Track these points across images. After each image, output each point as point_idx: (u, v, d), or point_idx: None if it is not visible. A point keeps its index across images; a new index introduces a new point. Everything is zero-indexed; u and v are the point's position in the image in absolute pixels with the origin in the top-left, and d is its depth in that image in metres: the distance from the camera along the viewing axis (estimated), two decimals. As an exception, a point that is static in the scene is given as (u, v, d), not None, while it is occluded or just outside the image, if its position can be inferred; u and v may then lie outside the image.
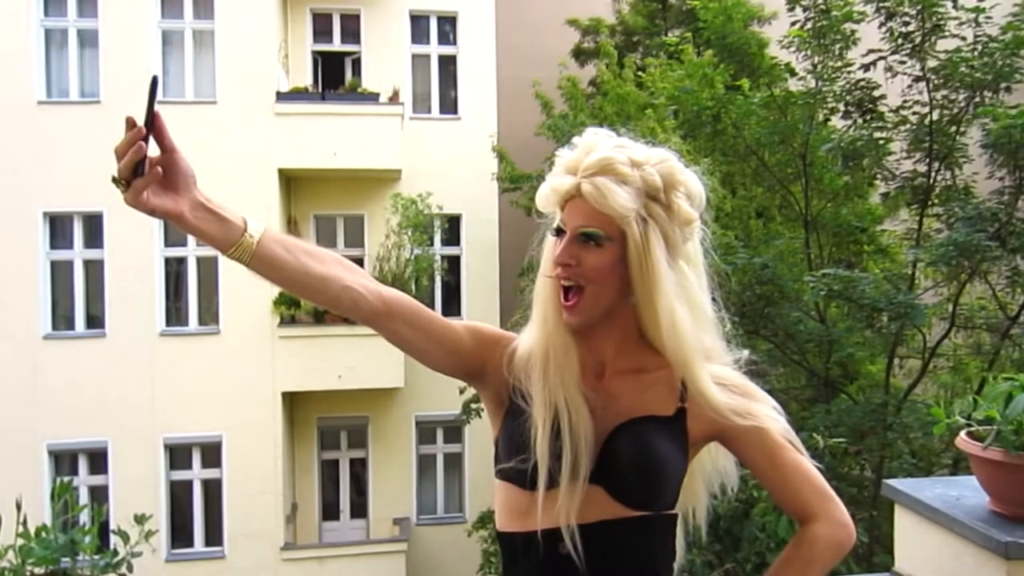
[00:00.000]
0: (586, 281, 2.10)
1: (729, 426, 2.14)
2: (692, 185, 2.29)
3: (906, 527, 3.58)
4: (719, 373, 2.19)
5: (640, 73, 18.96)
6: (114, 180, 1.94)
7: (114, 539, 4.73)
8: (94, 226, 17.64)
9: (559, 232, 2.12)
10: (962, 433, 3.15)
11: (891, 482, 3.69)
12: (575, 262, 2.09)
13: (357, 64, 19.95)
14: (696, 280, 2.28)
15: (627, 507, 2.07)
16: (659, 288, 2.11)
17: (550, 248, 2.15)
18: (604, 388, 2.15)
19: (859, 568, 9.96)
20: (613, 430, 2.08)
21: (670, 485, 2.12)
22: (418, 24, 20.29)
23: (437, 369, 2.25)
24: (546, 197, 2.15)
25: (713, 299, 2.32)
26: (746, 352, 2.29)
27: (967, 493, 3.37)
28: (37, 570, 4.42)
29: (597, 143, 2.16)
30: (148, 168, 1.96)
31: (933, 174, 12.74)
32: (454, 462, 20.03)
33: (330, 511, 19.84)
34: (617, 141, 2.20)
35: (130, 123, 1.93)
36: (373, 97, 18.51)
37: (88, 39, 17.82)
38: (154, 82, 2.00)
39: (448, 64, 20.42)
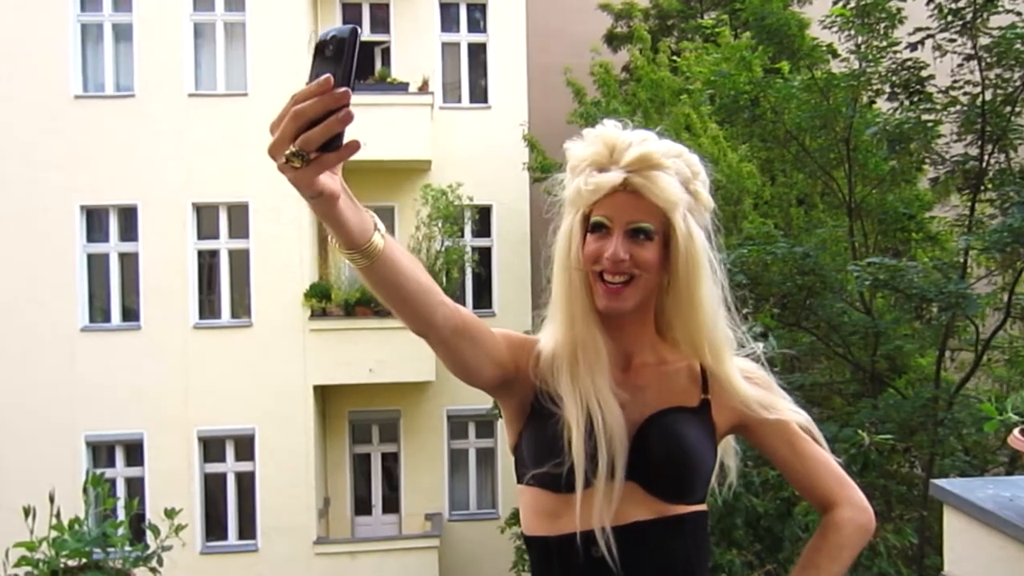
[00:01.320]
0: (638, 272, 2.08)
1: (753, 418, 2.20)
2: (705, 173, 2.22)
3: (956, 529, 3.51)
4: (743, 366, 2.24)
5: (675, 58, 18.87)
6: (293, 154, 1.69)
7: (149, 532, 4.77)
8: (129, 219, 17.78)
9: (599, 227, 2.09)
10: (1016, 430, 3.06)
11: (940, 482, 3.63)
12: (628, 257, 2.06)
13: (386, 53, 19.90)
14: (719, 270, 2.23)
15: (662, 501, 2.08)
16: (702, 279, 2.12)
17: (576, 241, 2.12)
18: (630, 381, 2.16)
19: (909, 571, 9.87)
20: (643, 423, 2.09)
21: (703, 476, 2.14)
22: (448, 12, 20.25)
23: (479, 383, 2.17)
24: (590, 192, 2.08)
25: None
26: (760, 345, 2.31)
27: (1021, 493, 3.29)
28: (70, 562, 4.43)
29: (620, 136, 2.12)
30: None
31: (986, 157, 12.55)
32: (486, 457, 20.01)
33: (362, 506, 19.86)
34: (641, 134, 2.15)
35: (325, 85, 1.67)
36: (403, 87, 18.49)
37: (123, 33, 17.94)
38: (354, 33, 1.74)
39: (478, 52, 20.36)
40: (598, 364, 2.08)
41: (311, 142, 1.67)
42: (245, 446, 17.90)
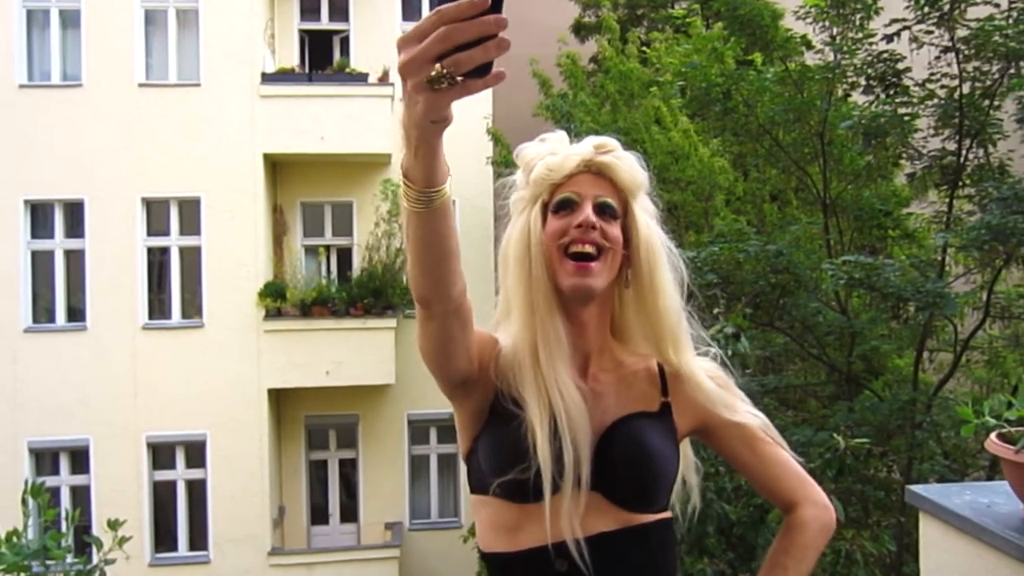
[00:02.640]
0: (608, 244, 2.13)
1: (713, 420, 2.25)
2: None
3: (932, 537, 3.53)
4: (703, 365, 2.28)
5: (645, 48, 18.92)
6: (440, 76, 1.60)
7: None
8: (75, 214, 17.65)
9: (565, 204, 2.14)
10: (992, 435, 3.08)
11: (915, 488, 3.64)
12: (599, 226, 2.11)
13: (346, 43, 19.88)
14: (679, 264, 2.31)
15: (627, 511, 2.10)
16: (663, 266, 2.20)
17: (538, 226, 2.15)
18: (589, 387, 2.18)
19: (887, 579, 9.94)
20: (605, 431, 2.11)
21: (667, 483, 2.18)
22: (409, 0, 20.18)
23: (449, 374, 2.14)
24: (557, 166, 2.14)
25: None
26: (714, 348, 2.36)
27: (999, 500, 3.30)
28: (8, 576, 4.39)
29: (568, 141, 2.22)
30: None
31: (964, 152, 12.63)
32: (449, 463, 19.98)
33: (319, 514, 19.80)
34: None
35: (481, 5, 1.56)
36: (362, 78, 18.45)
37: (70, 20, 17.80)
38: None
39: (441, 42, 20.29)
40: (560, 354, 2.09)
41: (463, 65, 1.59)
42: (196, 452, 17.80)
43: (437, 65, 1.57)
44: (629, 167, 2.17)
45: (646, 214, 2.20)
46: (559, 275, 2.12)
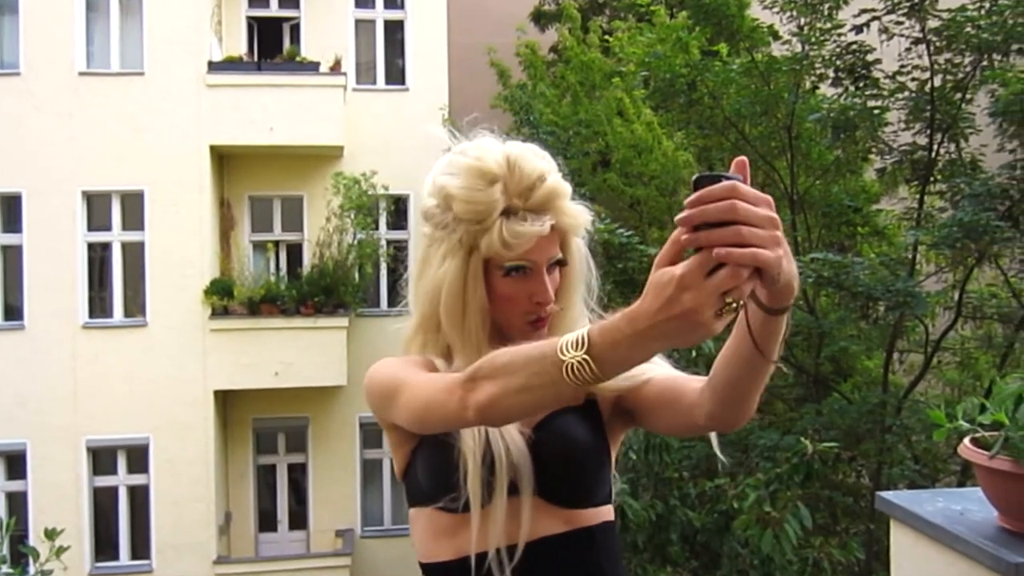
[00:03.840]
0: (558, 308, 2.20)
1: (627, 394, 2.20)
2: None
3: (903, 545, 3.53)
4: None
5: (607, 38, 18.94)
6: (732, 305, 1.52)
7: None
8: (12, 209, 17.52)
9: (518, 270, 2.12)
10: (966, 440, 3.08)
11: (886, 495, 3.64)
12: (553, 292, 2.16)
13: (296, 31, 19.79)
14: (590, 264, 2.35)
15: (565, 509, 2.12)
16: (580, 291, 2.27)
17: (481, 286, 2.13)
18: None
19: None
20: (533, 428, 2.12)
21: (601, 475, 2.18)
22: (363, -14, 20.16)
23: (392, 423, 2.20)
24: (517, 246, 2.08)
25: None
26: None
27: (972, 507, 3.31)
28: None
29: (515, 169, 2.11)
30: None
31: (935, 146, 12.70)
32: (403, 467, 19.93)
33: (267, 521, 19.72)
34: (522, 153, 2.15)
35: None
36: (313, 67, 18.40)
37: (8, 5, 17.60)
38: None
39: (395, 30, 20.28)
40: None
41: (745, 291, 1.54)
42: (139, 457, 17.69)
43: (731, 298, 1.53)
44: (578, 214, 2.16)
45: (579, 241, 2.23)
46: (508, 325, 2.16)
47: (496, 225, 2.06)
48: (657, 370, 2.18)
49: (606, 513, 2.19)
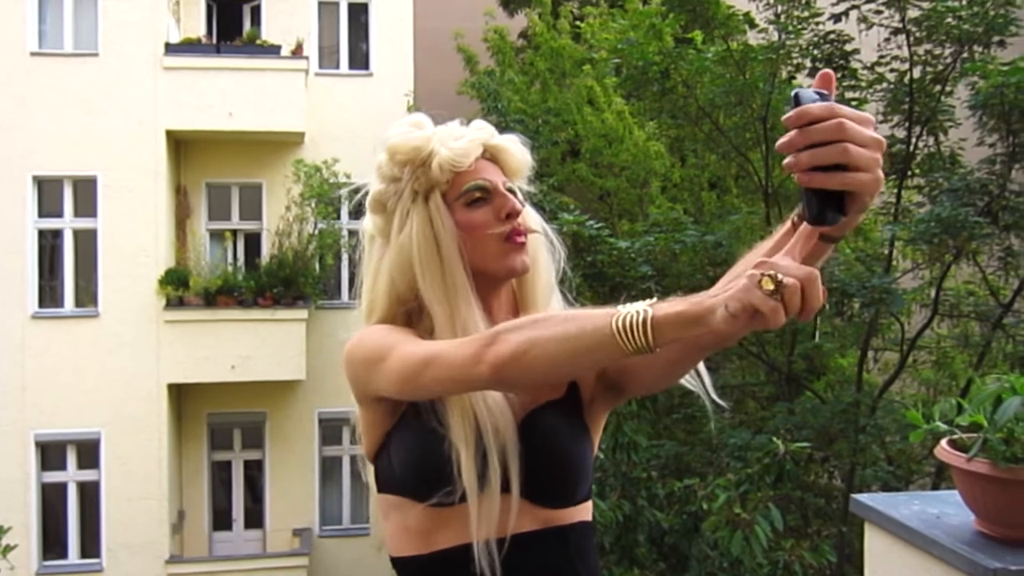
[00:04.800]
0: (529, 228, 2.21)
1: (607, 370, 2.20)
2: None
3: (878, 549, 3.54)
4: None
5: (578, 23, 18.93)
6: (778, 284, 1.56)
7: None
8: (-44, 194, 17.36)
9: (479, 194, 2.15)
10: (943, 442, 3.10)
11: (861, 497, 3.65)
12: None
13: (257, 13, 19.73)
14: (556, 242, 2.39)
15: (545, 508, 2.11)
16: (543, 249, 2.28)
17: (449, 223, 2.14)
18: None
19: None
20: (517, 429, 2.11)
21: (584, 474, 2.16)
22: (326, -33, 20.12)
23: (371, 395, 2.20)
24: (461, 154, 2.13)
25: None
26: None
27: (949, 510, 3.32)
28: None
29: (446, 123, 2.21)
30: None
31: (914, 140, 12.74)
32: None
33: (221, 520, 19.66)
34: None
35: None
36: (274, 50, 18.34)
37: (-49, -17, 17.47)
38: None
39: (359, 13, 20.25)
40: None
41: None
42: (89, 452, 17.62)
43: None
44: (520, 149, 2.23)
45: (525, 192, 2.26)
46: (490, 260, 2.14)
47: (439, 149, 2.12)
48: None
49: (583, 512, 2.19)
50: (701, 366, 2.18)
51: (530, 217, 2.23)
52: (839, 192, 1.54)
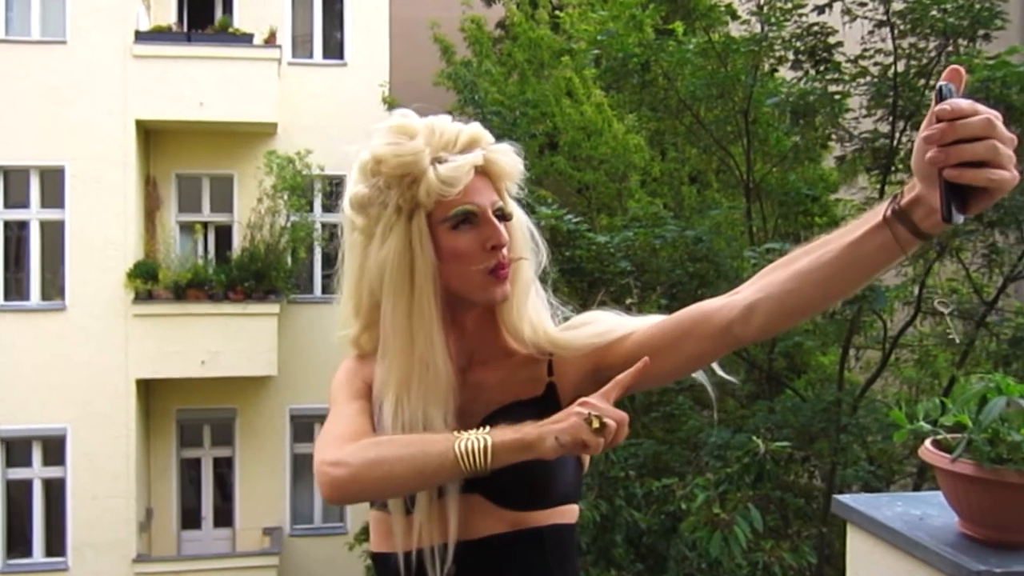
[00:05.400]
0: (514, 257, 2.18)
1: (599, 358, 2.19)
2: None
3: (860, 550, 3.54)
4: (565, 324, 2.29)
5: (557, 14, 18.92)
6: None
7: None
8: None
9: (467, 219, 2.10)
10: (927, 442, 3.07)
11: (842, 498, 3.65)
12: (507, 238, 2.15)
13: (229, 1, 19.69)
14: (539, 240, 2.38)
15: (512, 510, 2.10)
16: (528, 249, 2.26)
17: (428, 248, 2.10)
18: (472, 379, 2.21)
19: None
20: (479, 425, 2.06)
21: (558, 475, 2.14)
22: (300, -45, 20.09)
23: None
24: (452, 180, 2.07)
25: None
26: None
27: (932, 512, 3.32)
28: None
29: (434, 123, 2.15)
30: None
31: (897, 135, 12.74)
32: (335, 463, 19.87)
33: (190, 518, 19.65)
34: (443, 118, 2.21)
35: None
36: (247, 39, 18.32)
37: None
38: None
39: (333, 2, 20.23)
40: (435, 391, 2.08)
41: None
42: (55, 448, 17.59)
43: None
44: (513, 157, 2.18)
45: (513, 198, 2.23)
46: (470, 290, 2.13)
47: (428, 171, 2.06)
48: (627, 321, 2.21)
49: (562, 514, 2.17)
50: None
51: (517, 222, 2.21)
52: (964, 189, 1.56)
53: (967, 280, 13.25)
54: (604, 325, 2.21)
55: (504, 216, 2.14)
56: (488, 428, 1.89)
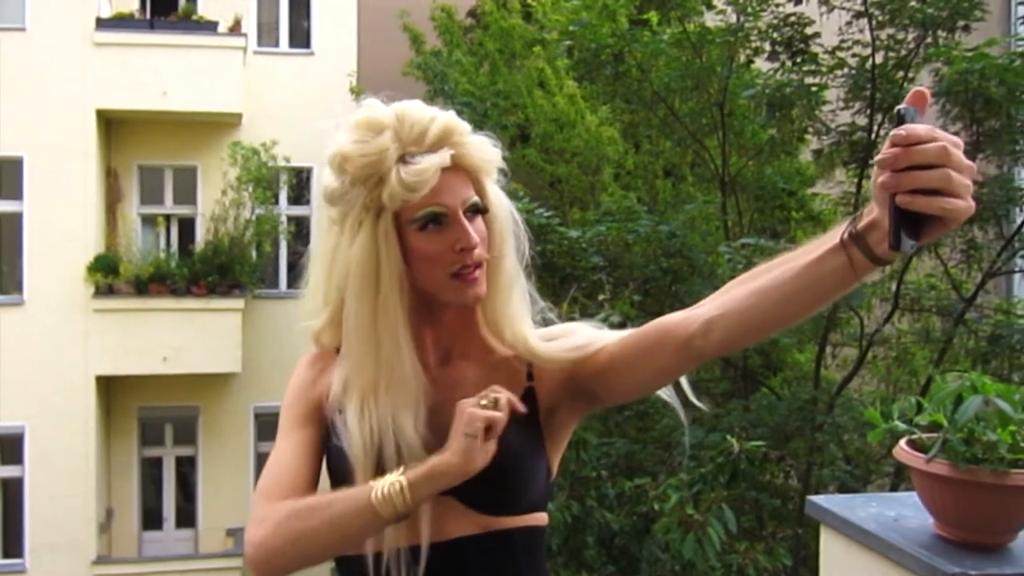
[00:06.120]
0: (486, 256, 2.15)
1: (574, 370, 2.20)
2: None
3: (834, 552, 3.54)
4: (543, 332, 2.28)
5: (529, 2, 18.91)
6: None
7: None
8: None
9: (434, 220, 2.08)
10: (902, 442, 3.08)
11: (816, 499, 3.65)
12: (479, 238, 2.11)
13: (192, -14, 19.64)
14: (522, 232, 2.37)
15: (485, 514, 2.11)
16: (510, 243, 2.25)
17: (395, 250, 2.09)
18: (447, 376, 2.21)
19: (782, 596, 10.05)
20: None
21: (530, 481, 2.16)
22: (265, -60, 20.04)
23: None
24: (417, 184, 2.04)
25: None
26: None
27: (907, 513, 3.32)
28: None
29: (404, 114, 2.11)
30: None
31: (875, 128, 12.76)
32: (301, 461, 19.85)
33: (152, 519, 19.60)
34: (414, 104, 2.16)
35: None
36: (211, 26, 18.27)
37: None
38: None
39: (301, -11, 20.21)
40: (403, 396, 2.08)
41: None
42: (12, 447, 17.54)
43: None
44: (483, 147, 2.15)
45: (495, 186, 2.23)
46: (440, 291, 2.13)
47: (393, 172, 2.04)
48: (604, 334, 2.21)
49: (533, 519, 2.18)
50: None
51: (497, 213, 2.20)
52: (917, 216, 1.58)
53: (946, 276, 13.29)
54: (581, 339, 2.21)
55: (480, 210, 2.13)
56: (402, 468, 1.92)
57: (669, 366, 2.08)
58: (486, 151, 2.14)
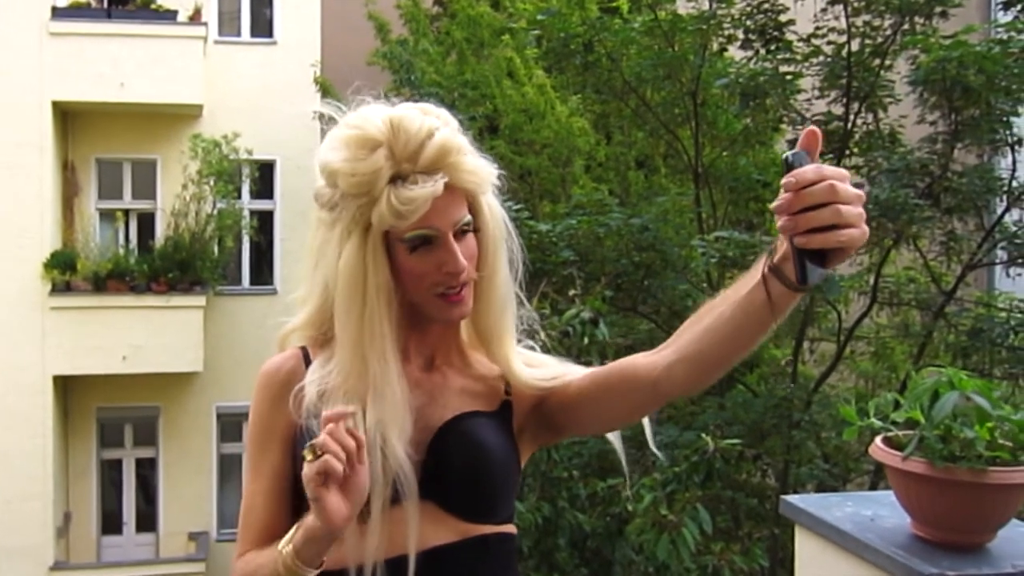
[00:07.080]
0: (474, 276, 2.18)
1: (542, 399, 2.29)
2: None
3: (809, 553, 3.55)
4: (527, 356, 2.36)
5: (497, -11, 18.92)
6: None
7: None
8: None
9: (424, 242, 2.09)
10: (878, 439, 3.10)
11: (791, 499, 3.66)
12: (466, 261, 2.13)
13: (151, -26, 19.57)
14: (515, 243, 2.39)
15: (464, 521, 2.14)
16: (503, 258, 2.27)
17: (384, 269, 2.11)
18: (431, 380, 2.25)
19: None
20: (439, 430, 2.15)
21: (507, 490, 2.22)
22: (226, -73, 19.99)
23: None
24: (410, 213, 2.05)
25: None
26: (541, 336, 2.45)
27: (884, 512, 3.32)
28: None
29: (400, 130, 2.08)
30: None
31: (852, 117, 12.79)
32: (265, 463, 19.81)
33: (111, 523, 19.53)
34: (408, 113, 2.13)
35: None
36: (170, 15, 18.22)
37: None
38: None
39: (263, -24, 20.16)
40: (391, 414, 2.09)
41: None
42: (-33, 449, 17.45)
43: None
44: (476, 168, 2.14)
45: (491, 200, 2.23)
46: (427, 308, 2.16)
47: (384, 194, 2.04)
48: (571, 368, 2.30)
49: (506, 528, 2.22)
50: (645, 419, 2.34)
51: (489, 228, 2.21)
52: (821, 248, 1.71)
53: (925, 269, 13.33)
54: (553, 371, 2.31)
55: (464, 228, 2.13)
56: (294, 529, 1.98)
57: (638, 405, 2.21)
58: (482, 171, 2.14)
